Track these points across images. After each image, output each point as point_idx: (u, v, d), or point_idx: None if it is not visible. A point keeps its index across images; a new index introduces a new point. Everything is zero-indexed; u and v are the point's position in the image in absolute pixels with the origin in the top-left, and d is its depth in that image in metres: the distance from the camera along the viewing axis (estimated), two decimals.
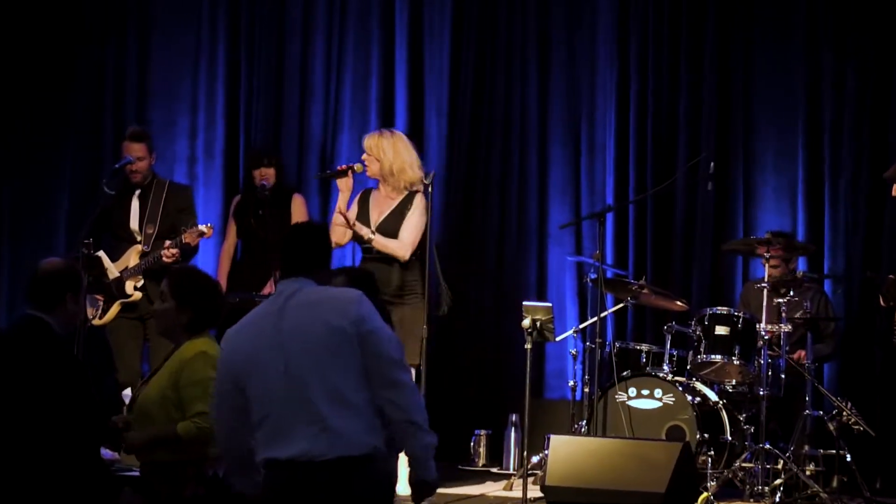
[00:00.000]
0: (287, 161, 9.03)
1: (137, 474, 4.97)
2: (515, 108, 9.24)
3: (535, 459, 7.73)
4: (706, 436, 7.41)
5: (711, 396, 7.64)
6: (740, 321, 7.57)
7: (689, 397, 7.49)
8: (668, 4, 8.97)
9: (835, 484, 7.54)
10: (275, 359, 4.13)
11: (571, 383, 8.15)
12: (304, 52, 9.48)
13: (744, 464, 7.27)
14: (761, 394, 7.28)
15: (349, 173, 7.36)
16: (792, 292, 7.59)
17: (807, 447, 7.41)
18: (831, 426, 7.42)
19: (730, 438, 7.49)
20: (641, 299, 8.11)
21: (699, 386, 7.69)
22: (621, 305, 8.36)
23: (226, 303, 5.40)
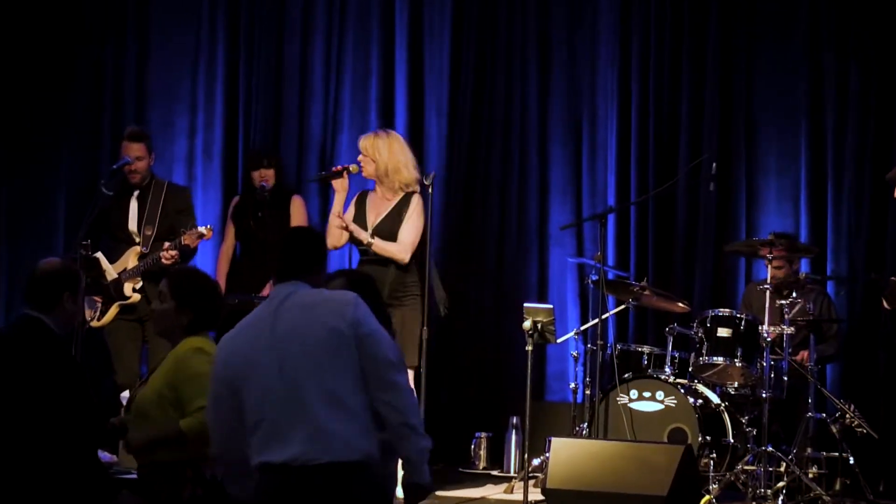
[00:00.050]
0: (286, 162, 8.99)
1: (135, 477, 4.94)
2: (516, 109, 9.21)
3: (535, 462, 7.70)
4: (708, 438, 7.40)
5: (713, 399, 7.62)
6: (742, 323, 7.55)
7: (691, 399, 7.47)
8: (670, 4, 8.94)
9: (838, 487, 7.53)
10: (270, 362, 4.11)
11: (572, 385, 8.12)
12: (304, 52, 9.45)
13: (746, 466, 7.25)
14: (763, 396, 7.26)
15: (344, 174, 7.34)
16: (794, 294, 7.55)
17: (809, 450, 7.40)
18: (834, 429, 7.40)
19: (732, 441, 7.48)
20: (643, 301, 8.08)
21: (701, 388, 7.67)
22: (623, 307, 8.33)
23: (225, 304, 5.36)
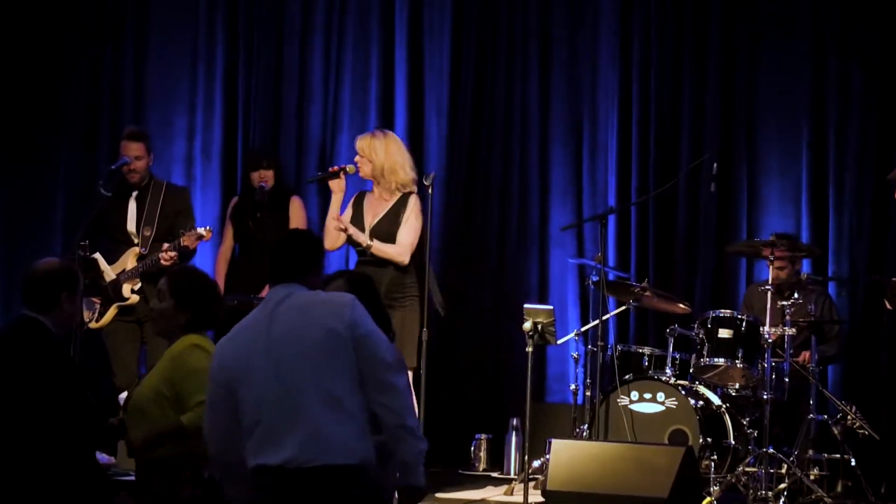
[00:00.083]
0: (285, 162, 8.97)
1: (133, 479, 4.92)
2: (516, 108, 9.20)
3: (536, 464, 7.67)
4: (709, 440, 7.38)
5: (714, 400, 7.60)
6: (744, 324, 7.53)
7: (692, 401, 7.45)
8: (671, 4, 8.93)
9: (839, 488, 7.51)
10: (266, 365, 4.11)
11: (573, 387, 8.09)
12: (303, 52, 9.43)
13: (747, 468, 7.25)
14: (765, 397, 7.25)
15: (341, 175, 7.33)
16: (796, 295, 7.53)
17: (811, 451, 7.39)
18: (836, 430, 7.39)
19: (733, 443, 7.47)
20: (644, 302, 8.06)
21: (702, 389, 7.65)
22: (623, 308, 8.30)
23: (224, 305, 5.34)
